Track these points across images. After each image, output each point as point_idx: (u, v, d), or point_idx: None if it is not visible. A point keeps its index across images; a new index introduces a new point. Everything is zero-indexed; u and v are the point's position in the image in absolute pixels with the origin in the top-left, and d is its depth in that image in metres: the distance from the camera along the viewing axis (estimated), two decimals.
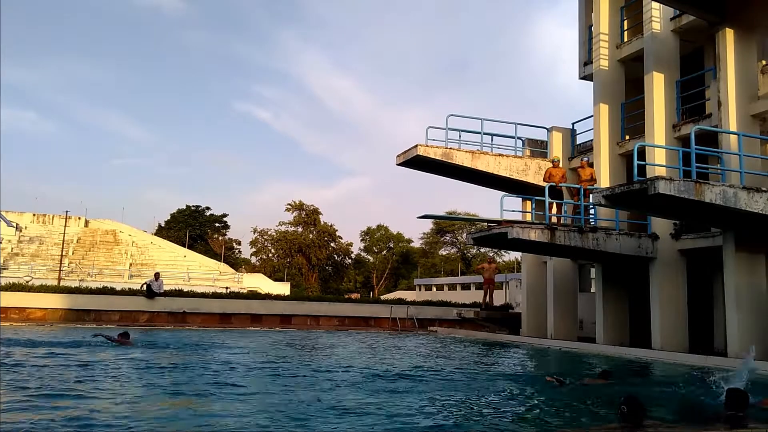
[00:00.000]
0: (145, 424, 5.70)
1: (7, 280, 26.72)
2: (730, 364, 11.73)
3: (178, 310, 21.59)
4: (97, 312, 20.94)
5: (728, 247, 12.83)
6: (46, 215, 55.85)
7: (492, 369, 11.74)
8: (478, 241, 17.64)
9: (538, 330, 19.39)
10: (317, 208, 74.19)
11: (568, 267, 18.86)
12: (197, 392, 7.53)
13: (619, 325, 16.34)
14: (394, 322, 23.31)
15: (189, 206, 76.56)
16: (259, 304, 23.23)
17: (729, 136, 13.08)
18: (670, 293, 14.89)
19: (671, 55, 16.03)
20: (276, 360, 11.59)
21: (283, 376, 9.42)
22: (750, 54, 13.69)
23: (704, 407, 7.26)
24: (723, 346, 13.39)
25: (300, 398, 7.31)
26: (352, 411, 6.53)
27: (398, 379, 9.41)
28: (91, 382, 7.91)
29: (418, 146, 18.24)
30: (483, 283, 23.63)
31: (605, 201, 11.99)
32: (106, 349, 12.17)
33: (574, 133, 20.06)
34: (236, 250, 79.77)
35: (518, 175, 19.01)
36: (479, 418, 6.75)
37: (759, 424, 5.40)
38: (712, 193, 10.82)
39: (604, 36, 17.91)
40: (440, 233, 77.48)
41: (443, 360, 12.98)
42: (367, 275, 79.14)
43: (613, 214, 15.82)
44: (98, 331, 14.77)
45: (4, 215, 33.62)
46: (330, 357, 12.71)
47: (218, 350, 13.06)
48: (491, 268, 23.04)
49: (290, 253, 71.15)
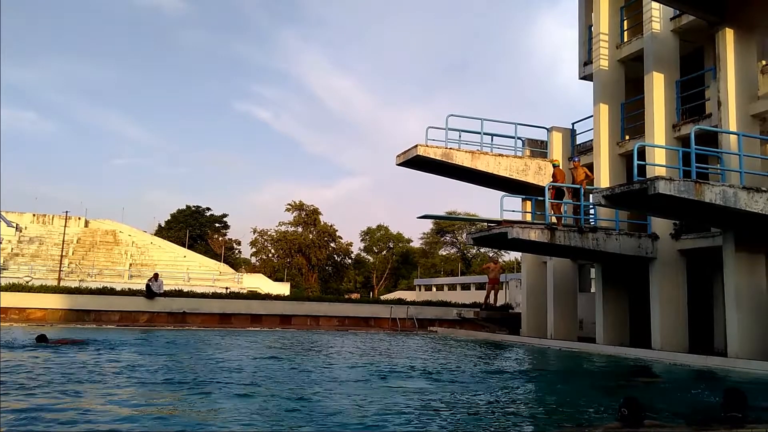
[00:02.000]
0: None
1: (7, 280, 26.72)
2: (730, 364, 11.75)
3: (178, 311, 21.59)
4: (97, 312, 20.93)
5: (728, 247, 12.83)
6: (46, 215, 55.86)
7: (492, 369, 11.72)
8: (478, 241, 17.64)
9: (538, 330, 19.38)
10: (317, 208, 74.26)
11: (568, 267, 18.85)
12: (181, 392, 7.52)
13: (619, 325, 16.34)
14: (394, 322, 23.30)
15: (189, 206, 76.59)
16: (259, 304, 23.23)
17: (729, 136, 13.08)
18: (670, 293, 14.89)
19: (671, 55, 16.03)
20: (274, 359, 11.59)
21: (283, 375, 9.41)
22: (750, 54, 13.68)
23: (703, 407, 7.26)
24: (723, 346, 13.38)
25: (299, 398, 7.31)
26: (351, 410, 6.53)
27: (398, 379, 9.40)
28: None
29: (418, 146, 18.24)
30: (487, 283, 23.38)
31: (605, 201, 11.98)
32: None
33: (574, 133, 20.06)
34: (236, 250, 79.80)
35: (518, 175, 19.00)
36: (479, 418, 6.74)
37: (758, 424, 5.39)
38: (712, 193, 10.81)
39: (604, 36, 17.91)
40: (440, 233, 77.47)
41: (443, 360, 12.97)
42: (367, 275, 79.12)
43: (613, 214, 15.82)
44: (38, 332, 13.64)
45: (4, 215, 33.60)
46: (330, 357, 12.70)
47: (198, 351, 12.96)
48: (497, 268, 22.83)
49: (290, 254, 71.15)
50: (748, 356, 12.07)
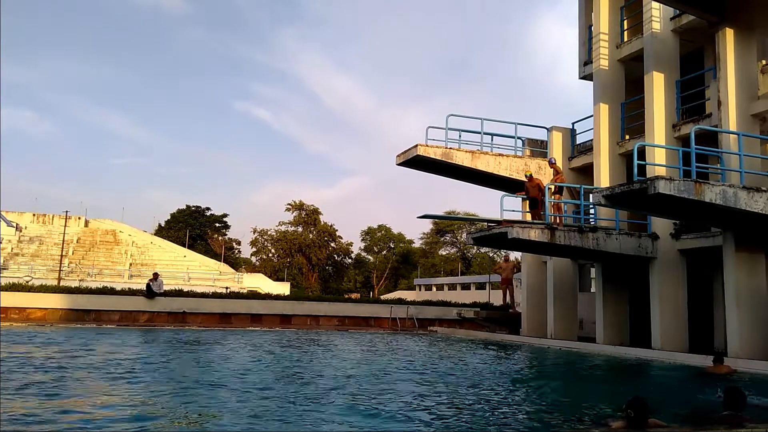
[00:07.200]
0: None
1: (7, 280, 26.73)
2: (731, 363, 11.72)
3: (178, 310, 21.58)
4: (97, 312, 20.93)
5: (728, 247, 12.83)
6: (46, 215, 55.88)
7: (492, 369, 11.73)
8: (478, 241, 17.63)
9: (538, 330, 19.38)
10: (317, 208, 74.30)
11: (568, 267, 18.85)
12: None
13: (619, 325, 16.33)
14: (394, 322, 23.30)
15: (189, 206, 76.61)
16: (259, 304, 23.22)
17: (729, 136, 13.08)
18: (670, 293, 14.89)
19: (671, 55, 16.02)
20: (274, 358, 11.59)
21: (282, 375, 9.41)
22: (750, 54, 13.68)
23: (703, 407, 7.26)
24: (723, 346, 13.38)
25: (299, 397, 7.31)
26: (350, 411, 6.53)
27: (398, 378, 9.40)
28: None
29: (418, 146, 18.24)
30: (500, 283, 22.83)
31: (605, 201, 11.97)
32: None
33: (574, 133, 20.05)
34: (236, 250, 79.80)
35: (518, 175, 18.98)
36: (480, 418, 6.74)
37: (758, 424, 5.38)
38: (712, 193, 10.81)
39: (604, 36, 17.90)
40: (440, 233, 77.48)
41: (442, 359, 12.97)
42: (367, 275, 79.12)
43: (613, 214, 15.81)
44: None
45: (4, 215, 33.62)
46: (329, 356, 12.70)
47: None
48: (509, 267, 22.28)
49: (290, 253, 71.18)
50: (749, 356, 12.06)
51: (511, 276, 22.41)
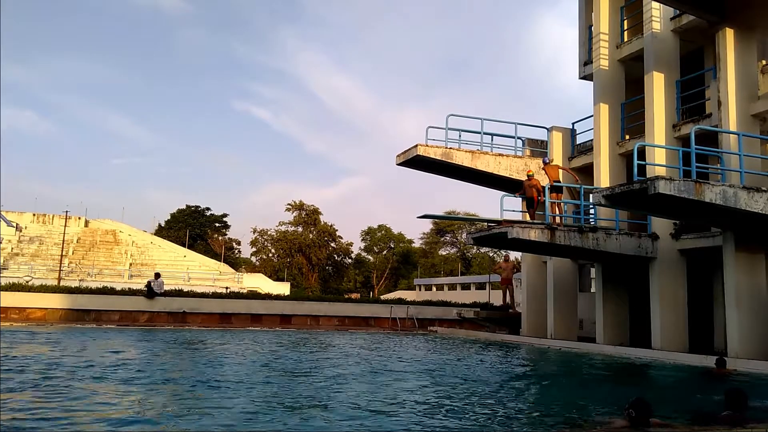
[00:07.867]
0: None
1: (7, 280, 26.73)
2: (731, 363, 11.72)
3: (178, 310, 21.59)
4: (97, 312, 20.94)
5: (728, 247, 12.82)
6: (46, 215, 55.87)
7: (492, 369, 11.73)
8: (478, 241, 17.63)
9: (538, 330, 19.38)
10: (317, 208, 74.27)
11: (568, 267, 18.85)
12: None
13: (619, 325, 16.33)
14: (394, 322, 23.30)
15: (189, 206, 76.58)
16: (259, 304, 23.24)
17: (729, 136, 13.08)
18: (670, 293, 14.88)
19: (671, 55, 16.02)
20: (273, 358, 11.59)
21: (282, 375, 9.41)
22: (750, 54, 13.68)
23: (703, 407, 7.26)
24: (723, 346, 13.38)
25: (298, 397, 7.30)
26: (351, 410, 6.53)
27: (398, 378, 9.40)
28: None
29: (418, 146, 18.24)
30: (500, 284, 22.72)
31: (605, 201, 11.97)
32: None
33: (574, 133, 20.06)
34: (236, 250, 79.78)
35: (518, 175, 18.98)
36: (480, 417, 6.74)
37: (759, 424, 5.39)
38: (712, 193, 10.81)
39: (604, 36, 17.90)
40: (440, 233, 77.49)
41: (442, 359, 12.97)
42: (367, 275, 79.12)
43: (613, 214, 15.81)
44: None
45: (4, 215, 33.63)
46: (329, 356, 12.71)
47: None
48: (509, 267, 22.16)
49: (290, 253, 71.16)
50: (748, 356, 12.07)
51: (511, 276, 22.33)
